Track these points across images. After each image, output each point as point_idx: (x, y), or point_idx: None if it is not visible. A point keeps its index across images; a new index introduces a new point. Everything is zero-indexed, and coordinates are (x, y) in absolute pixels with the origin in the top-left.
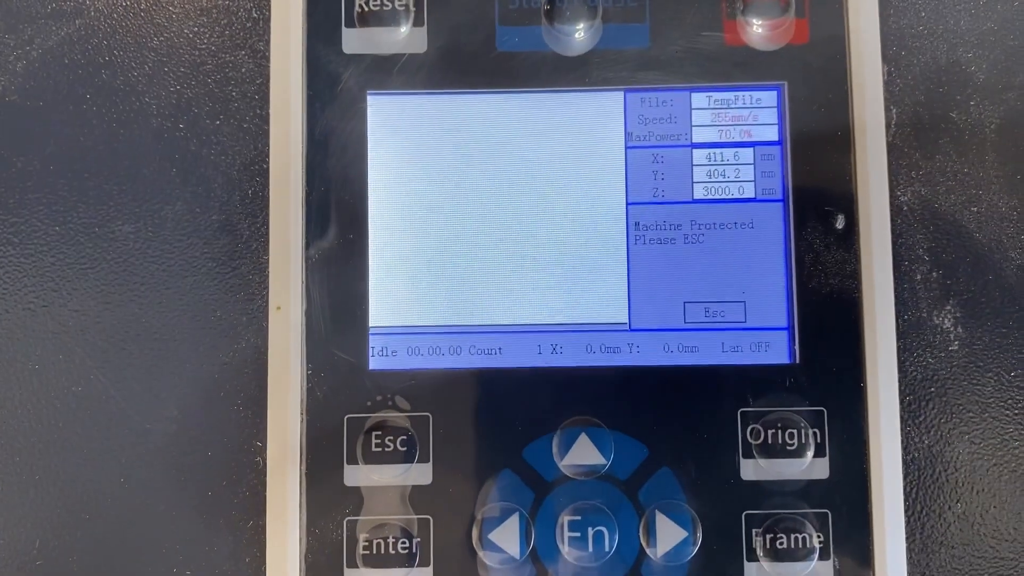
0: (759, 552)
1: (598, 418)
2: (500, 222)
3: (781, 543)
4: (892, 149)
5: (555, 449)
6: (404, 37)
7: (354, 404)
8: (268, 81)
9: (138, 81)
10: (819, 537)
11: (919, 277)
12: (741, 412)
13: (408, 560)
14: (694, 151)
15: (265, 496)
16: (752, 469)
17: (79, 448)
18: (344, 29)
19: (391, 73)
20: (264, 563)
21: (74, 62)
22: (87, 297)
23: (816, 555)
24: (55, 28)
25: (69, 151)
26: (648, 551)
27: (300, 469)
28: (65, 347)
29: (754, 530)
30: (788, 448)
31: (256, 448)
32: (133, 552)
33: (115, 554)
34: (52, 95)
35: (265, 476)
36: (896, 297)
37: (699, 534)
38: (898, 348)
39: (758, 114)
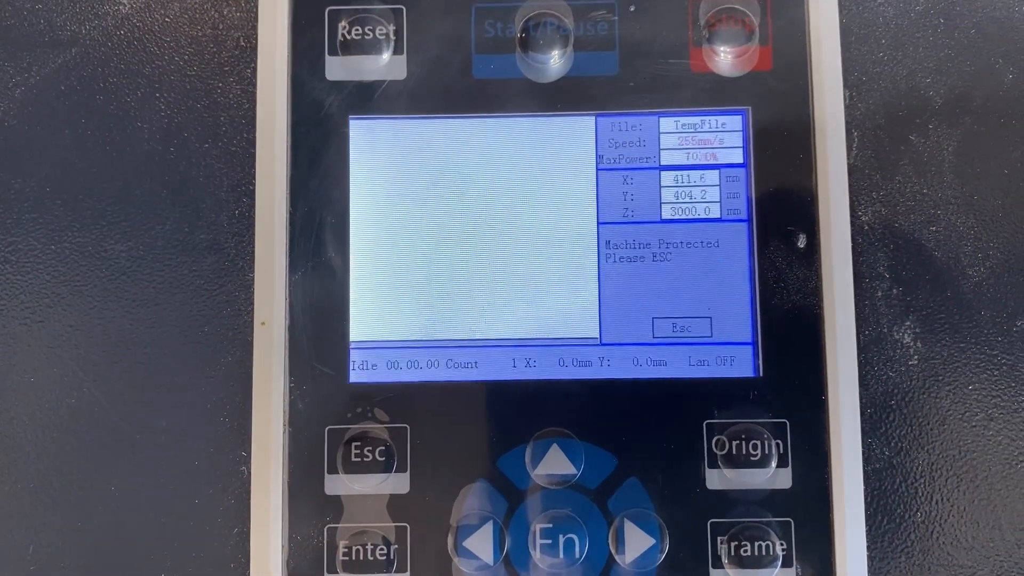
0: (724, 559)
1: (569, 429)
2: (476, 241)
3: (745, 550)
4: (853, 171)
5: (528, 459)
6: (385, 64)
7: (335, 416)
8: (255, 106)
9: (131, 106)
10: (782, 545)
11: (879, 294)
12: (707, 424)
13: (386, 566)
14: (662, 173)
15: (249, 504)
16: (717, 479)
17: (72, 457)
18: (327, 57)
19: (372, 99)
20: (248, 569)
21: (70, 88)
22: (81, 313)
23: (779, 562)
24: (52, 56)
25: (64, 173)
26: (617, 558)
27: (283, 478)
28: (59, 360)
29: (719, 538)
30: (752, 459)
31: (241, 458)
32: (122, 558)
33: (105, 560)
34: (49, 120)
35: (249, 485)
36: (857, 313)
37: (666, 541)
38: (859, 362)
39: (723, 138)
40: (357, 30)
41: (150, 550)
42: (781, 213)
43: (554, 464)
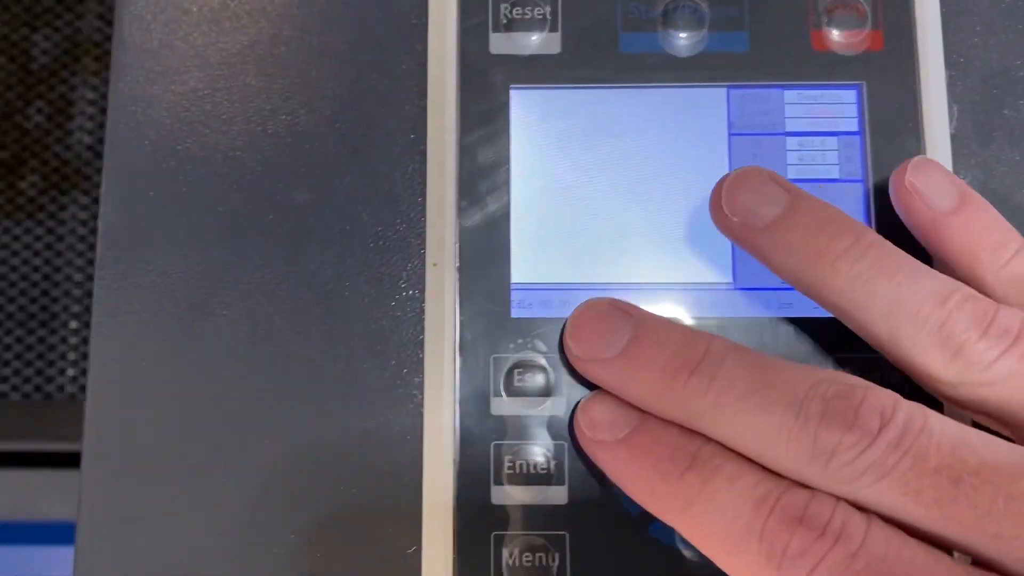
0: None
1: None
2: (622, 196)
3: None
4: (954, 139)
5: None
6: (541, 40)
7: (499, 346)
8: (425, 76)
9: (314, 77)
10: None
11: None
12: (835, 357)
13: (546, 479)
14: (787, 139)
15: (422, 425)
16: None
17: (261, 382)
18: (491, 33)
19: (530, 70)
20: (420, 483)
21: (260, 57)
22: (271, 255)
23: None
24: (242, 30)
25: (258, 133)
26: None
27: (455, 401)
28: (250, 296)
29: None
30: None
31: (414, 383)
32: (305, 472)
33: (288, 474)
34: (240, 89)
35: (422, 408)
36: None
37: None
38: None
39: (841, 109)
40: (518, 10)
41: (330, 466)
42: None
43: None
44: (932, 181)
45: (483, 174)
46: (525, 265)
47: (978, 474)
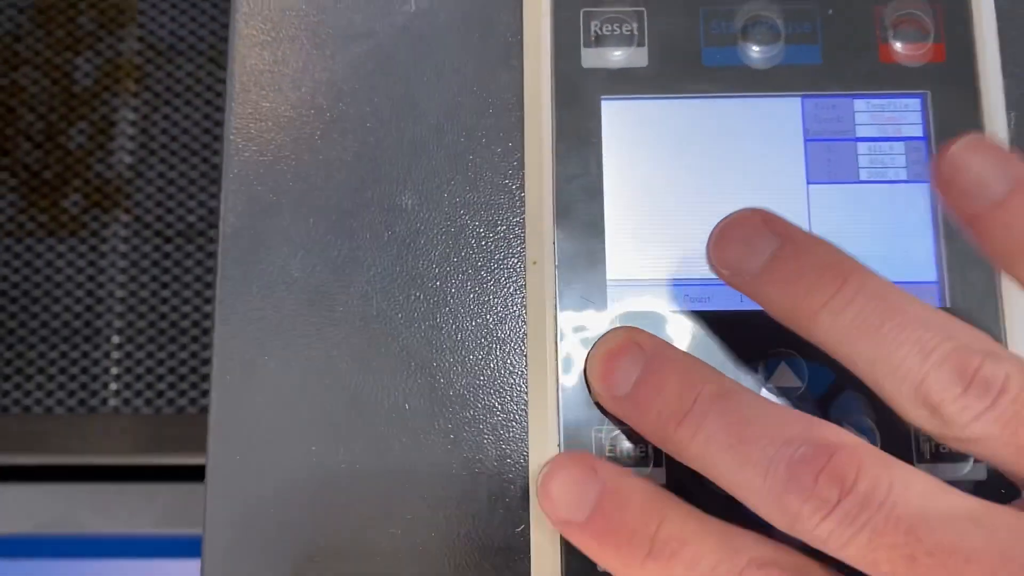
0: (926, 455)
1: (794, 350)
2: (708, 197)
3: (943, 447)
4: (1012, 144)
5: (760, 373)
6: (629, 55)
7: (596, 335)
8: (521, 89)
9: (418, 89)
10: None
11: None
12: None
13: (644, 462)
14: (858, 144)
15: (528, 417)
16: None
17: (371, 369)
18: (583, 49)
19: (620, 83)
20: (527, 480)
21: (368, 73)
22: (381, 255)
23: (972, 460)
24: (352, 46)
25: (366, 143)
26: None
27: (556, 387)
28: (365, 294)
29: (921, 437)
30: None
31: (518, 373)
32: (412, 445)
33: (404, 456)
34: (351, 99)
35: (526, 396)
36: None
37: (877, 440)
38: None
39: (907, 116)
40: (607, 27)
41: (441, 450)
42: None
43: (783, 379)
44: (976, 168)
45: (577, 179)
46: (619, 263)
47: (932, 555)
